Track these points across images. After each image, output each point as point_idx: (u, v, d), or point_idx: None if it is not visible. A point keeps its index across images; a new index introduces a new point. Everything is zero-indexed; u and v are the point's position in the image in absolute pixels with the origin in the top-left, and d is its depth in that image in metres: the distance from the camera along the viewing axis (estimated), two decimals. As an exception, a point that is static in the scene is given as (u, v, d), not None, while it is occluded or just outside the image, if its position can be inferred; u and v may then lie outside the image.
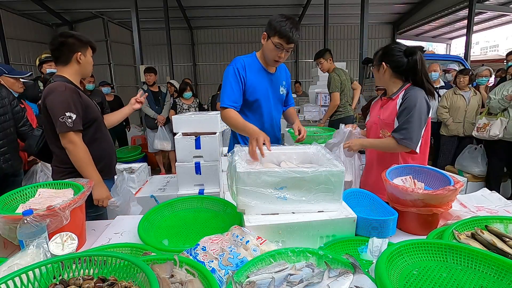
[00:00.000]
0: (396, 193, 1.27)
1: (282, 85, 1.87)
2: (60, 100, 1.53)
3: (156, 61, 10.39)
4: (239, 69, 1.69)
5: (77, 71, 1.67)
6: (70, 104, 1.53)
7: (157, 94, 4.88)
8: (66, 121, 1.51)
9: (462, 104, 3.83)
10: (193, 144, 2.59)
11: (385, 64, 1.67)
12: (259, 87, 1.74)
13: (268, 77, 1.78)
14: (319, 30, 10.14)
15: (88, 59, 1.69)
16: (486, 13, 9.01)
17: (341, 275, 0.80)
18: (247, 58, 1.75)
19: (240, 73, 1.69)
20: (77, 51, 1.63)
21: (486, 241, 0.98)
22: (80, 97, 1.60)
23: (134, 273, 0.75)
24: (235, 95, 1.68)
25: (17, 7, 7.37)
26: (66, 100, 1.53)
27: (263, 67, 1.76)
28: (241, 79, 1.69)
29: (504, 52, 6.27)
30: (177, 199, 1.50)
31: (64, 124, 1.51)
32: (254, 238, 1.00)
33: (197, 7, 8.56)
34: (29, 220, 1.00)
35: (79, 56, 1.64)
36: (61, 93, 1.53)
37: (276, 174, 1.11)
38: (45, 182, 1.39)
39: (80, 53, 1.64)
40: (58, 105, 1.52)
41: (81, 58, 1.65)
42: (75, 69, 1.66)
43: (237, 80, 1.68)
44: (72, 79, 1.65)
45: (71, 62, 1.64)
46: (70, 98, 1.54)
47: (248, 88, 1.72)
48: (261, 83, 1.75)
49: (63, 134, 1.54)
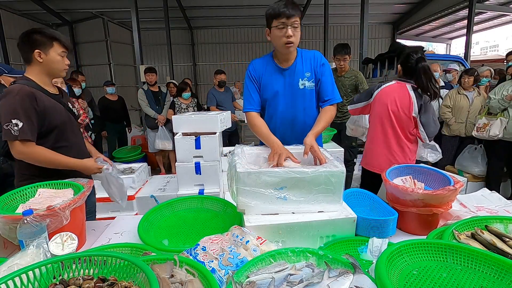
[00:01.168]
0: (396, 193, 1.27)
1: (303, 77, 1.68)
2: (8, 105, 1.39)
3: (156, 61, 10.38)
4: (251, 71, 1.72)
5: (40, 70, 1.51)
6: (17, 110, 1.38)
7: (157, 94, 4.88)
8: (11, 128, 1.37)
9: (465, 104, 3.82)
10: (193, 144, 2.59)
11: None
12: (269, 86, 1.71)
13: (280, 74, 1.69)
14: (319, 30, 10.13)
15: (52, 57, 1.50)
16: (486, 13, 9.01)
17: (341, 275, 0.80)
18: (260, 59, 1.75)
19: (252, 75, 1.71)
20: (35, 49, 1.47)
21: (486, 241, 0.98)
22: (36, 102, 1.43)
23: (134, 273, 0.75)
24: (252, 97, 1.71)
25: (17, 7, 7.36)
26: (14, 105, 1.39)
27: (276, 64, 1.69)
28: (254, 80, 1.71)
29: (504, 52, 6.26)
30: (177, 199, 1.50)
31: (9, 132, 1.38)
32: (254, 238, 1.00)
33: (197, 7, 8.55)
34: (29, 220, 1.00)
35: (38, 54, 1.48)
36: (11, 98, 1.40)
37: (276, 174, 1.12)
38: (45, 182, 1.39)
39: (38, 50, 1.47)
40: (5, 110, 1.39)
41: (41, 57, 1.48)
42: (37, 68, 1.51)
43: (252, 82, 1.71)
44: (36, 80, 1.51)
45: (32, 61, 1.50)
46: (20, 103, 1.39)
47: (261, 87, 1.73)
48: (271, 81, 1.70)
49: (10, 143, 1.42)
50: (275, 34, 1.55)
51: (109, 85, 5.15)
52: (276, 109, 1.73)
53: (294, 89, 1.69)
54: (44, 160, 1.47)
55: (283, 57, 1.67)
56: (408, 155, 2.07)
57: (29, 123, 1.41)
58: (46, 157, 1.47)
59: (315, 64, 1.68)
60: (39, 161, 1.47)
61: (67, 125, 1.59)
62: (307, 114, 1.74)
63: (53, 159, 1.48)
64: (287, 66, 1.68)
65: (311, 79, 1.68)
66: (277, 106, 1.72)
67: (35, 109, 1.43)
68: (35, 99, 1.44)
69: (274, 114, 1.75)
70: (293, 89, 1.69)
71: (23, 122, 1.39)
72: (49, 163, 1.48)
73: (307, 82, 1.68)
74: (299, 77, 1.68)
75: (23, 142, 1.41)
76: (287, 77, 1.69)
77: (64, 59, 1.56)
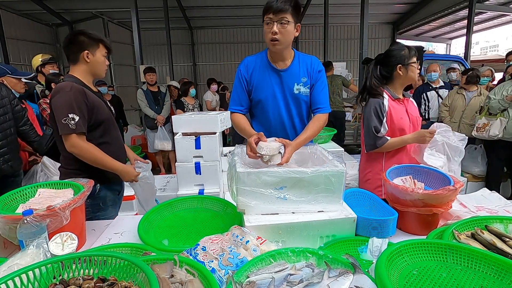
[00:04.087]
0: (396, 193, 1.27)
1: (299, 82, 1.62)
2: (64, 100, 1.48)
3: (156, 61, 10.38)
4: (242, 70, 1.64)
5: (86, 70, 1.61)
6: (73, 105, 1.48)
7: (156, 94, 4.88)
8: (68, 122, 1.46)
9: (461, 104, 3.82)
10: (193, 144, 2.59)
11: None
12: (262, 86, 1.62)
13: (275, 75, 1.61)
14: (319, 30, 10.12)
15: (98, 58, 1.62)
16: (486, 13, 9.00)
17: (341, 275, 0.80)
18: (253, 57, 1.66)
19: (243, 74, 1.64)
20: (85, 50, 1.57)
21: (486, 241, 0.98)
22: (86, 98, 1.53)
23: (134, 273, 0.75)
24: (239, 98, 1.66)
25: (17, 7, 7.35)
26: (70, 100, 1.48)
27: (271, 64, 1.61)
28: (244, 80, 1.64)
29: (504, 52, 6.26)
30: (177, 199, 1.50)
31: (66, 126, 1.46)
32: (254, 238, 1.00)
33: (197, 7, 8.54)
34: (29, 220, 1.00)
35: (86, 54, 1.58)
36: (65, 94, 1.49)
37: (276, 174, 1.11)
38: (45, 182, 1.40)
39: (87, 51, 1.58)
40: (62, 106, 1.48)
41: (89, 57, 1.59)
42: (83, 68, 1.61)
43: (240, 82, 1.65)
44: (82, 79, 1.60)
45: (79, 61, 1.59)
46: (74, 99, 1.49)
47: (252, 88, 1.66)
48: (265, 81, 1.62)
49: (66, 136, 1.49)
50: (264, 29, 1.50)
51: (101, 85, 5.12)
52: (268, 112, 1.65)
53: (289, 93, 1.63)
54: (92, 157, 1.54)
55: (277, 57, 1.59)
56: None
57: (83, 117, 1.51)
58: (95, 154, 1.54)
59: (312, 70, 1.62)
60: (88, 157, 1.54)
61: (110, 121, 1.68)
62: (300, 120, 1.69)
63: (100, 158, 1.56)
64: (283, 68, 1.60)
65: (306, 85, 1.62)
66: (270, 108, 1.65)
67: (86, 104, 1.53)
68: (85, 95, 1.54)
69: (266, 116, 1.67)
70: (288, 93, 1.63)
71: (79, 116, 1.48)
72: (95, 161, 1.56)
73: (303, 87, 1.62)
74: (295, 81, 1.61)
75: (79, 135, 1.50)
76: (283, 80, 1.61)
77: (106, 60, 1.67)
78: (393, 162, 1.78)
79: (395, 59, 1.76)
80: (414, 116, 1.86)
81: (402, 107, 1.82)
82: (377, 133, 1.74)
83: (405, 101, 1.86)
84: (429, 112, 4.29)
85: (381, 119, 1.75)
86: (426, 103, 4.30)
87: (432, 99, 4.27)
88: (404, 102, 1.85)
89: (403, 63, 1.75)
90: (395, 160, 1.81)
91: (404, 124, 1.79)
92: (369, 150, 1.81)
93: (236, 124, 1.65)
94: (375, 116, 1.75)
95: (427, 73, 4.33)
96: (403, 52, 1.75)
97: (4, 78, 2.47)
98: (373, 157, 1.86)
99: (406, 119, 1.81)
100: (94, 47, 1.60)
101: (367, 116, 1.77)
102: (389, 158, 1.83)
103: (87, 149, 1.52)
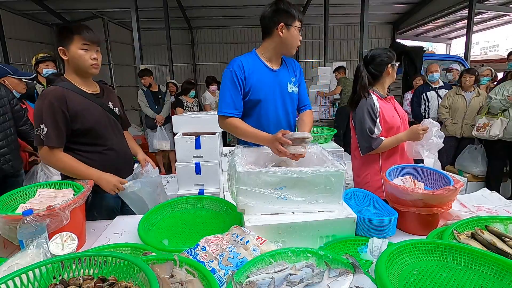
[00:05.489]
0: (396, 193, 1.27)
1: (290, 82, 1.69)
2: (37, 109, 1.38)
3: (156, 61, 10.38)
4: (236, 70, 1.56)
5: (69, 70, 1.45)
6: (43, 116, 1.36)
7: (157, 94, 4.89)
8: (40, 133, 1.36)
9: (462, 105, 3.81)
10: (193, 144, 2.59)
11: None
12: (262, 86, 1.60)
13: (272, 75, 1.63)
14: (319, 30, 10.12)
15: (73, 53, 1.40)
16: (486, 13, 9.00)
17: (341, 275, 0.80)
18: (245, 57, 1.62)
19: (238, 75, 1.55)
20: (59, 46, 1.40)
21: (486, 241, 0.98)
22: (66, 105, 1.39)
23: (134, 273, 0.75)
24: (234, 101, 1.57)
25: (17, 7, 7.35)
26: (41, 110, 1.36)
27: (265, 64, 1.62)
28: (239, 81, 1.56)
29: (504, 52, 6.27)
30: (177, 199, 1.50)
31: (38, 137, 1.37)
32: (254, 238, 1.00)
33: (197, 7, 8.54)
34: (29, 220, 1.00)
35: (62, 52, 1.41)
36: (41, 103, 1.37)
37: (276, 174, 1.11)
38: (45, 182, 1.39)
39: (62, 48, 1.40)
40: (35, 115, 1.39)
41: (66, 54, 1.41)
42: (67, 68, 1.45)
43: (234, 84, 1.56)
44: (72, 80, 1.46)
45: (63, 61, 1.44)
46: (46, 108, 1.36)
47: (249, 89, 1.60)
48: (264, 82, 1.61)
49: (39, 147, 1.40)
50: (294, 34, 1.56)
51: None
52: (268, 111, 1.65)
53: (284, 92, 1.68)
54: (65, 168, 1.45)
55: (276, 58, 1.66)
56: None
57: (55, 128, 1.38)
58: (68, 165, 1.43)
59: (297, 70, 1.76)
60: (62, 169, 1.46)
61: (104, 125, 1.53)
62: (293, 118, 1.78)
63: (73, 168, 1.44)
64: (276, 68, 1.66)
65: (296, 84, 1.73)
66: (270, 107, 1.65)
67: (64, 112, 1.39)
68: (65, 102, 1.39)
69: (265, 116, 1.65)
70: (284, 92, 1.68)
71: (48, 127, 1.36)
72: (69, 172, 1.45)
73: (294, 86, 1.72)
74: (287, 81, 1.69)
75: (50, 148, 1.39)
76: (278, 79, 1.66)
77: (88, 53, 1.42)
78: (390, 161, 1.81)
79: (386, 58, 1.80)
80: (402, 112, 1.91)
81: (391, 105, 1.86)
82: (371, 134, 1.75)
83: (391, 99, 1.90)
84: (429, 112, 4.29)
85: (374, 120, 1.76)
86: (426, 103, 4.30)
87: (432, 99, 4.27)
88: (390, 100, 1.89)
89: (391, 62, 1.80)
90: (392, 160, 1.83)
91: (396, 122, 1.82)
92: (365, 152, 1.81)
93: (235, 127, 1.57)
94: (368, 117, 1.76)
95: (428, 73, 4.33)
96: (388, 52, 1.82)
97: (6, 79, 2.48)
98: (369, 159, 1.86)
99: (397, 116, 1.85)
100: (67, 41, 1.39)
101: (360, 118, 1.79)
102: (385, 159, 1.84)
103: (59, 160, 1.42)
